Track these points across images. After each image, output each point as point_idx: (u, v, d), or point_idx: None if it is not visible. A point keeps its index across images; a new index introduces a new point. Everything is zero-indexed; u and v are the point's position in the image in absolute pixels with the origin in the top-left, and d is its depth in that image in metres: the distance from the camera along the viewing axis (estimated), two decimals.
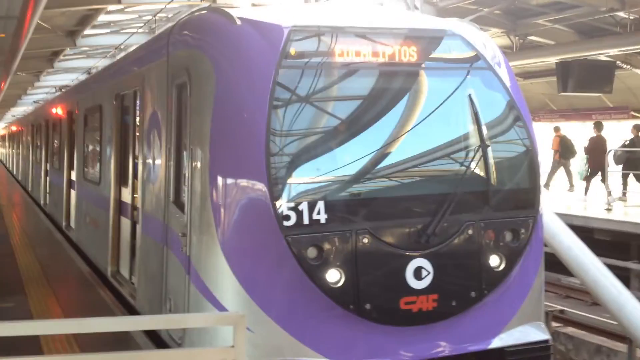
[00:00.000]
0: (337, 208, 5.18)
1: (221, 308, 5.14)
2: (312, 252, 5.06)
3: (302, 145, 5.27)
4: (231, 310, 5.07)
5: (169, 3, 16.16)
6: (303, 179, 5.19)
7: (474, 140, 5.69)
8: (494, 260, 5.56)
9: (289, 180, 5.11)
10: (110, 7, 18.26)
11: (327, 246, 5.07)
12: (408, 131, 5.58)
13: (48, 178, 16.81)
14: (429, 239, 5.29)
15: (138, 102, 7.51)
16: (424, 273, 5.27)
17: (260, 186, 5.05)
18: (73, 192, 12.42)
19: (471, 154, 5.66)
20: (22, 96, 41.18)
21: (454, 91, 5.73)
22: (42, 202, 17.73)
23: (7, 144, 43.12)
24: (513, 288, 5.72)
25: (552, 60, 20.64)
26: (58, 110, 15.31)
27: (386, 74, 5.64)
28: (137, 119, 7.55)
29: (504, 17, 19.96)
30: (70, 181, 12.93)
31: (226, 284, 5.18)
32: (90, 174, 10.66)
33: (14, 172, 31.63)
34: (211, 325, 5.13)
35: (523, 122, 5.87)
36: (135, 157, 7.72)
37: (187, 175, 5.64)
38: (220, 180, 5.21)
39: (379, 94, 5.66)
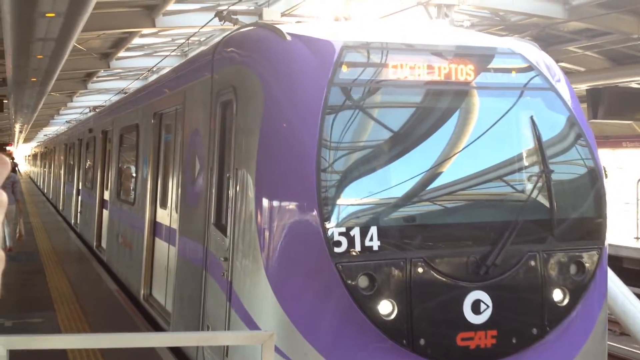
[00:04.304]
0: (391, 234, 4.86)
1: None
2: (363, 282, 4.73)
3: (354, 167, 4.98)
4: (277, 341, 4.76)
5: (202, 27, 16.15)
6: (355, 203, 4.89)
7: (537, 165, 5.33)
8: (557, 295, 5.17)
9: (341, 204, 4.81)
10: (145, 31, 18.35)
11: (379, 275, 4.74)
12: (467, 155, 5.24)
13: (80, 197, 16.74)
14: (488, 270, 4.92)
15: (178, 120, 7.31)
16: (482, 307, 4.90)
17: (310, 209, 4.75)
18: (105, 212, 12.26)
19: (534, 180, 5.29)
20: (55, 116, 41.77)
21: (516, 112, 5.39)
22: (72, 221, 17.65)
23: (38, 162, 43.57)
24: (577, 325, 5.32)
25: (582, 87, 20.32)
26: (91, 129, 15.25)
27: (440, 93, 5.33)
28: (177, 137, 7.34)
29: (534, 43, 19.67)
30: (102, 201, 12.79)
31: (270, 311, 4.88)
32: (125, 194, 10.47)
33: (45, 191, 31.80)
34: (239, 343, 4.92)
35: (588, 146, 5.50)
36: (173, 177, 7.50)
37: (230, 196, 5.37)
38: (266, 201, 4.93)
39: (432, 114, 5.35)
